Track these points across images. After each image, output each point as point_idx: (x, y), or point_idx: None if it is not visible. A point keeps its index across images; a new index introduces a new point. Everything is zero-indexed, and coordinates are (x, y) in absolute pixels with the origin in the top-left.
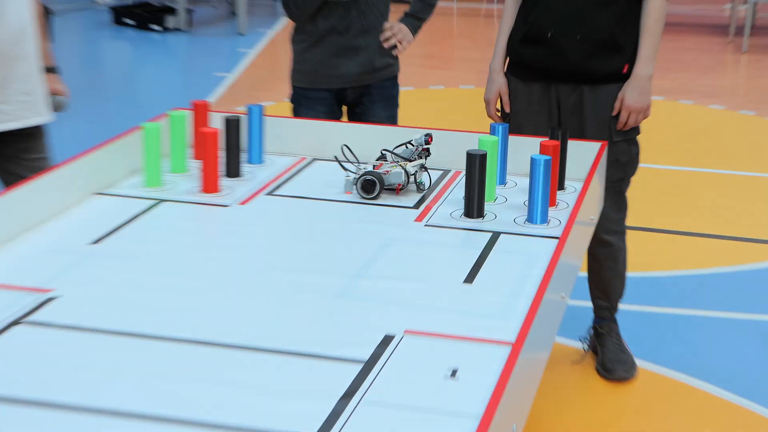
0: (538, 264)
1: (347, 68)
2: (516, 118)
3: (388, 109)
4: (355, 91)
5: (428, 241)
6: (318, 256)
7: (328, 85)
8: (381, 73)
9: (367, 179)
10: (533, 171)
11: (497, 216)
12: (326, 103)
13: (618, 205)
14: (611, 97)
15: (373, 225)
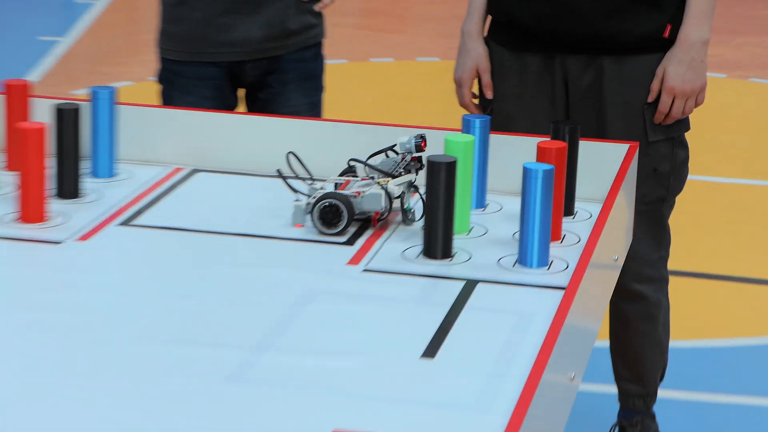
0: (533, 328)
1: (245, 31)
2: (502, 108)
3: (307, 94)
4: (257, 66)
5: (368, 295)
6: (201, 319)
7: (214, 56)
8: (297, 38)
9: (329, 205)
10: (527, 188)
11: (472, 256)
12: (213, 83)
13: (656, 240)
14: (646, 73)
15: (285, 270)
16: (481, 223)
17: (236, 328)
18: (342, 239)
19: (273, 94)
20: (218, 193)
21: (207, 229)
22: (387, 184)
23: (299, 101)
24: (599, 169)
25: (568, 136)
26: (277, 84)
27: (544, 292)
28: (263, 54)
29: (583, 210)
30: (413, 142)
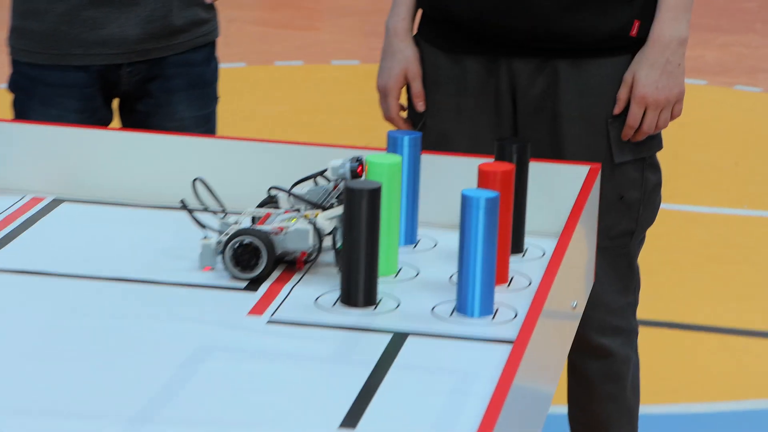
0: (474, 390)
1: (119, 27)
2: (436, 122)
3: (198, 105)
4: (135, 71)
5: (274, 352)
6: (70, 384)
7: (82, 59)
8: (184, 36)
9: (244, 244)
10: (467, 219)
11: (401, 303)
12: (80, 92)
13: (623, 282)
14: (610, 80)
15: (173, 323)
16: (411, 263)
17: (112, 395)
18: (241, 284)
19: (155, 105)
20: (90, 228)
21: (75, 273)
22: (316, 218)
23: (188, 114)
24: (554, 196)
25: (515, 157)
26: (159, 93)
27: (487, 346)
28: (142, 56)
29: (535, 246)
30: (348, 167)
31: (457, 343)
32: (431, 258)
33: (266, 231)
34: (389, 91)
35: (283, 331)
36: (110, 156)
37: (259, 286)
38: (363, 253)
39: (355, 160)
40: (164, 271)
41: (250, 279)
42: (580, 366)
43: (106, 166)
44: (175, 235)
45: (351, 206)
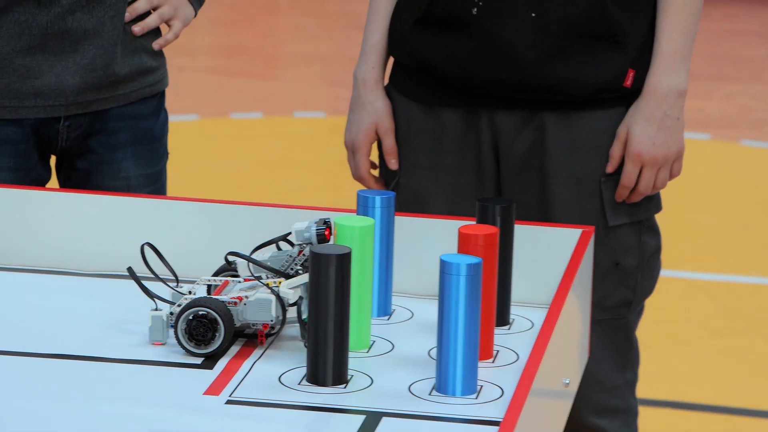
0: None
1: (56, 76)
2: (411, 181)
3: (145, 162)
4: (74, 125)
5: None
6: None
7: (15, 112)
8: (129, 86)
9: (199, 315)
10: (446, 288)
11: (374, 381)
12: (13, 149)
13: (620, 357)
14: (603, 135)
15: (118, 404)
16: (385, 336)
17: None
18: (196, 361)
19: (97, 162)
20: (24, 299)
21: (8, 349)
22: (279, 287)
23: (134, 172)
24: (542, 262)
25: (499, 219)
26: (102, 149)
27: (471, 428)
28: (83, 108)
29: (522, 318)
30: (314, 231)
31: (438, 425)
32: (407, 330)
33: (224, 301)
34: (358, 148)
35: (243, 412)
36: (46, 218)
37: (215, 363)
38: (332, 325)
39: (321, 222)
40: (110, 346)
41: (206, 354)
42: None
43: (44, 230)
44: (121, 305)
45: (318, 273)
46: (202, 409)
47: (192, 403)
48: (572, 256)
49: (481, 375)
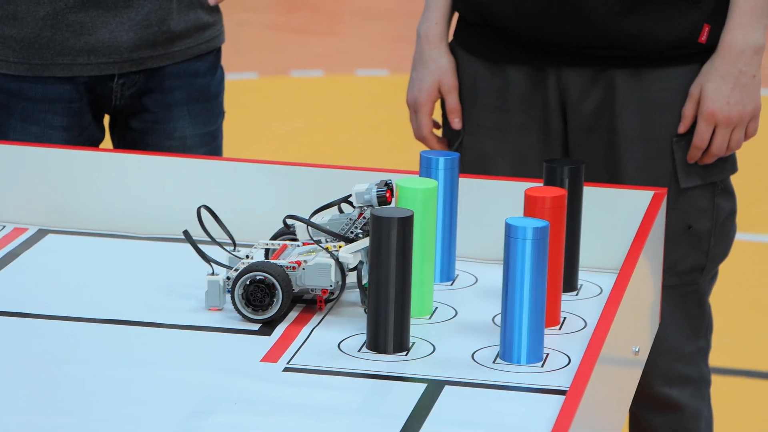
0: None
1: (110, 32)
2: (476, 141)
3: (201, 121)
4: (129, 83)
5: (291, 404)
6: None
7: (68, 69)
8: (185, 43)
9: (257, 281)
10: (512, 253)
11: (436, 348)
12: (66, 107)
13: (692, 325)
14: (675, 93)
15: (176, 371)
16: (448, 302)
17: None
18: (253, 327)
19: (152, 121)
20: (80, 263)
21: (64, 314)
22: (339, 251)
23: (190, 131)
24: (612, 226)
25: (567, 181)
26: (157, 107)
27: (536, 397)
28: (137, 66)
29: (590, 283)
30: (375, 193)
31: (502, 394)
32: (471, 296)
33: (282, 266)
34: (421, 106)
35: (301, 379)
36: (102, 180)
37: (273, 329)
38: (393, 290)
39: (382, 184)
40: (166, 311)
41: (264, 320)
42: (644, 421)
43: (98, 192)
44: (177, 270)
45: (379, 237)
46: (259, 376)
47: (249, 370)
48: (643, 219)
49: (547, 342)
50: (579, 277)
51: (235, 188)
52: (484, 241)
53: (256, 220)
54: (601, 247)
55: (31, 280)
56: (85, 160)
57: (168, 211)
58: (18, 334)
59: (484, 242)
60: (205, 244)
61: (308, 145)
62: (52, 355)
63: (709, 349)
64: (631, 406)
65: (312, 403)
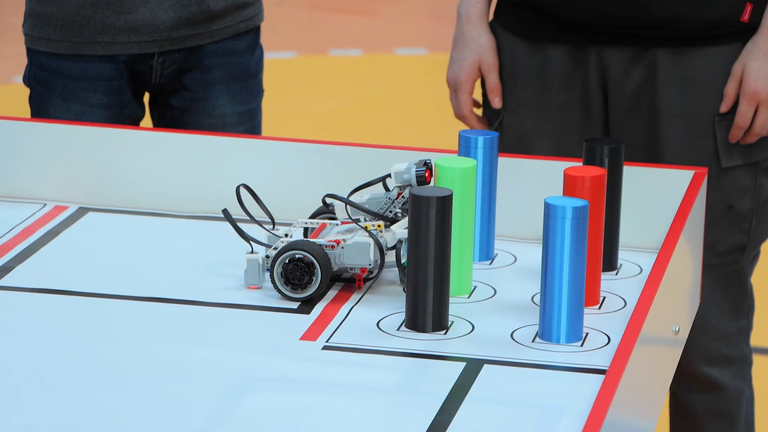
0: (562, 427)
1: (150, 11)
2: (516, 121)
3: (240, 99)
4: (169, 61)
5: (330, 383)
6: (100, 418)
7: (108, 47)
8: (224, 21)
9: (296, 259)
10: (551, 232)
11: (476, 327)
12: (107, 85)
13: (733, 305)
14: (717, 72)
15: (215, 350)
16: (487, 281)
17: (147, 430)
18: (292, 305)
19: (191, 99)
20: (120, 241)
21: (103, 292)
22: (379, 231)
23: (229, 109)
24: (652, 205)
25: (607, 160)
26: (196, 86)
27: (576, 377)
28: (177, 44)
29: (630, 263)
30: (414, 172)
31: (541, 373)
32: (510, 276)
33: (321, 245)
34: (461, 85)
35: (340, 358)
36: (142, 158)
37: (312, 308)
38: (432, 270)
39: (421, 164)
40: (205, 289)
41: (303, 299)
42: (684, 400)
43: (138, 170)
44: (216, 248)
45: (418, 216)
46: (299, 355)
47: (288, 349)
48: (684, 199)
49: (586, 322)
50: (619, 257)
51: (273, 167)
52: (524, 220)
53: (294, 198)
54: (641, 227)
55: (71, 258)
56: (125, 138)
57: (207, 189)
58: (57, 311)
59: (523, 221)
60: (244, 223)
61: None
62: (91, 333)
63: (750, 329)
64: (672, 385)
65: (351, 381)
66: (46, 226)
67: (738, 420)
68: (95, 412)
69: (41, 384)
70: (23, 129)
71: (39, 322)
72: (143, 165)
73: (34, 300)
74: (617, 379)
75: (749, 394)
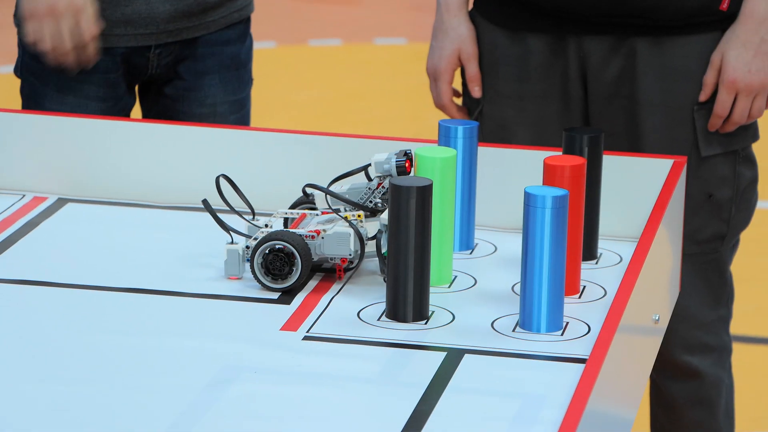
0: (542, 417)
1: (146, 4)
2: (496, 110)
3: (232, 88)
4: (166, 53)
5: (311, 373)
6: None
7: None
8: (218, 13)
9: (276, 250)
10: (531, 221)
11: (456, 317)
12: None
13: (713, 293)
14: (696, 61)
15: (195, 340)
16: (467, 270)
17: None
18: (273, 296)
19: (183, 88)
20: (100, 232)
21: (83, 283)
22: (359, 221)
23: (221, 98)
24: (631, 194)
25: (587, 149)
26: (189, 75)
27: (556, 366)
28: (173, 37)
29: (610, 252)
30: (394, 162)
31: (522, 362)
32: (490, 265)
33: (301, 235)
34: (440, 74)
35: (321, 348)
36: (121, 149)
37: (293, 298)
38: (412, 260)
39: (402, 154)
40: (185, 280)
41: (283, 289)
42: (665, 388)
43: (117, 161)
44: (197, 239)
45: (398, 206)
46: (279, 345)
47: (269, 339)
48: (663, 188)
49: (566, 311)
50: (599, 246)
51: (253, 157)
52: (503, 209)
53: (275, 189)
54: (621, 216)
55: (49, 248)
56: (104, 128)
57: (187, 180)
58: (36, 302)
59: (503, 211)
60: (225, 213)
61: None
62: (71, 324)
63: (730, 318)
64: (652, 374)
65: (331, 371)
66: (24, 217)
67: (718, 408)
68: (77, 404)
69: (22, 375)
70: (4, 120)
71: (16, 315)
72: (122, 155)
73: (11, 291)
74: (597, 367)
75: (729, 383)
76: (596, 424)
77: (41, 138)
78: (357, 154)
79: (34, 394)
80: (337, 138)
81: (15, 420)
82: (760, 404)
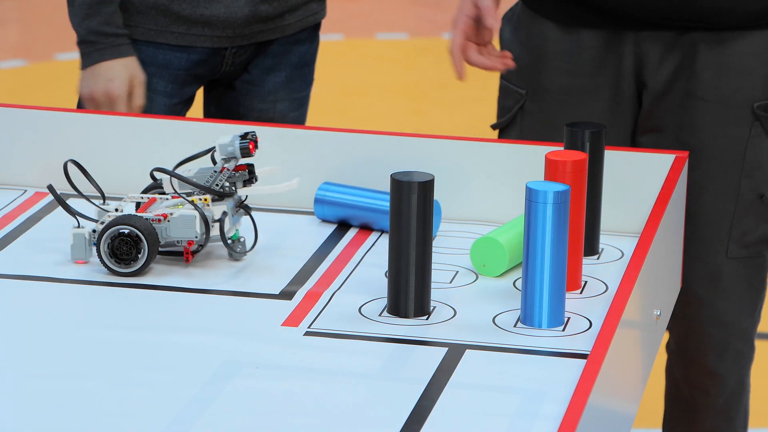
0: (543, 412)
1: (226, 7)
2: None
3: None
4: (241, 52)
5: (312, 368)
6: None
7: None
8: (294, 16)
9: (122, 234)
10: (532, 216)
11: (457, 312)
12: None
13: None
14: (759, 59)
15: (194, 335)
16: (469, 266)
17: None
18: (274, 290)
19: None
20: None
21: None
22: (205, 205)
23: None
24: (634, 190)
25: (589, 144)
26: (258, 71)
27: (557, 361)
28: (249, 39)
29: (611, 247)
30: (238, 144)
31: (523, 358)
32: None
33: (147, 219)
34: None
35: (322, 343)
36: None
37: (294, 294)
38: (414, 255)
39: (244, 136)
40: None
41: (130, 273)
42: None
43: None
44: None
45: (399, 201)
46: (280, 341)
47: (270, 335)
48: (665, 183)
49: (568, 306)
50: (600, 241)
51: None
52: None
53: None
54: (623, 211)
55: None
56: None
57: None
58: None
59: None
60: (75, 198)
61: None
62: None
63: (758, 323)
64: (675, 375)
65: (333, 367)
66: (25, 212)
67: (737, 414)
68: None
69: (22, 370)
70: (3, 115)
71: (16, 309)
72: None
73: (12, 286)
74: (599, 363)
75: (747, 387)
76: (597, 419)
77: (43, 134)
78: (357, 149)
79: (37, 388)
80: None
81: (17, 415)
82: None
